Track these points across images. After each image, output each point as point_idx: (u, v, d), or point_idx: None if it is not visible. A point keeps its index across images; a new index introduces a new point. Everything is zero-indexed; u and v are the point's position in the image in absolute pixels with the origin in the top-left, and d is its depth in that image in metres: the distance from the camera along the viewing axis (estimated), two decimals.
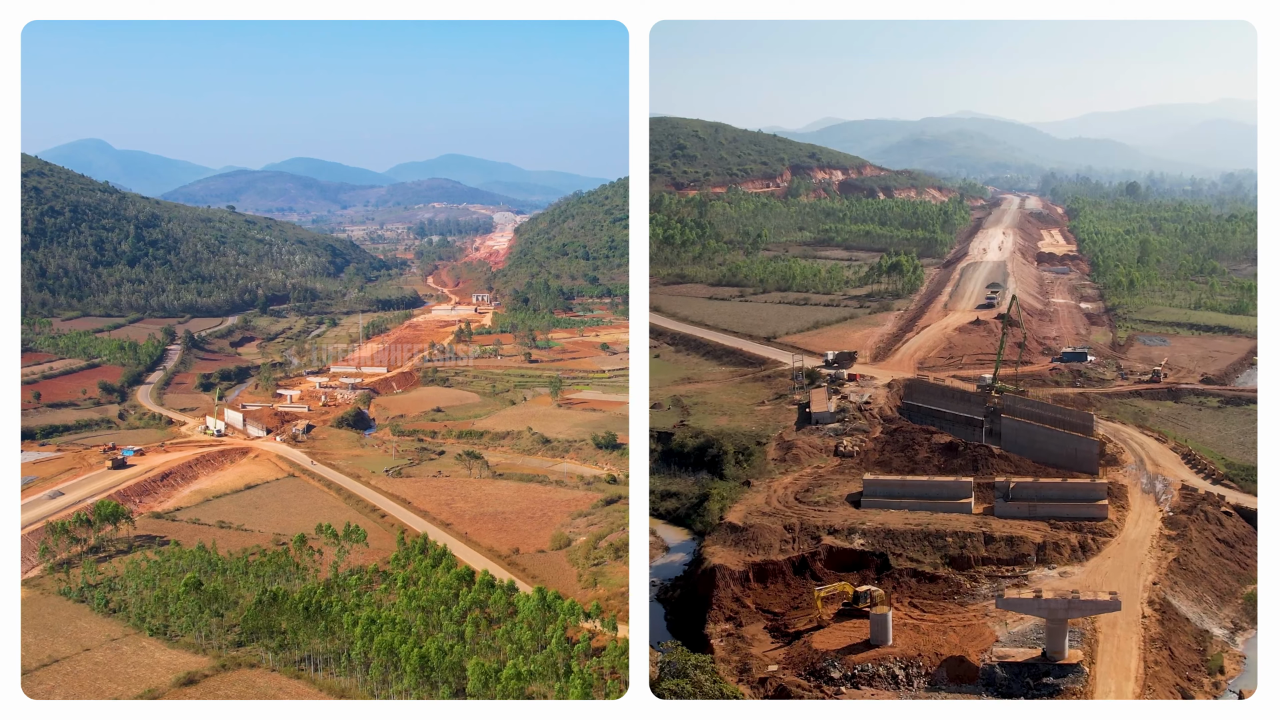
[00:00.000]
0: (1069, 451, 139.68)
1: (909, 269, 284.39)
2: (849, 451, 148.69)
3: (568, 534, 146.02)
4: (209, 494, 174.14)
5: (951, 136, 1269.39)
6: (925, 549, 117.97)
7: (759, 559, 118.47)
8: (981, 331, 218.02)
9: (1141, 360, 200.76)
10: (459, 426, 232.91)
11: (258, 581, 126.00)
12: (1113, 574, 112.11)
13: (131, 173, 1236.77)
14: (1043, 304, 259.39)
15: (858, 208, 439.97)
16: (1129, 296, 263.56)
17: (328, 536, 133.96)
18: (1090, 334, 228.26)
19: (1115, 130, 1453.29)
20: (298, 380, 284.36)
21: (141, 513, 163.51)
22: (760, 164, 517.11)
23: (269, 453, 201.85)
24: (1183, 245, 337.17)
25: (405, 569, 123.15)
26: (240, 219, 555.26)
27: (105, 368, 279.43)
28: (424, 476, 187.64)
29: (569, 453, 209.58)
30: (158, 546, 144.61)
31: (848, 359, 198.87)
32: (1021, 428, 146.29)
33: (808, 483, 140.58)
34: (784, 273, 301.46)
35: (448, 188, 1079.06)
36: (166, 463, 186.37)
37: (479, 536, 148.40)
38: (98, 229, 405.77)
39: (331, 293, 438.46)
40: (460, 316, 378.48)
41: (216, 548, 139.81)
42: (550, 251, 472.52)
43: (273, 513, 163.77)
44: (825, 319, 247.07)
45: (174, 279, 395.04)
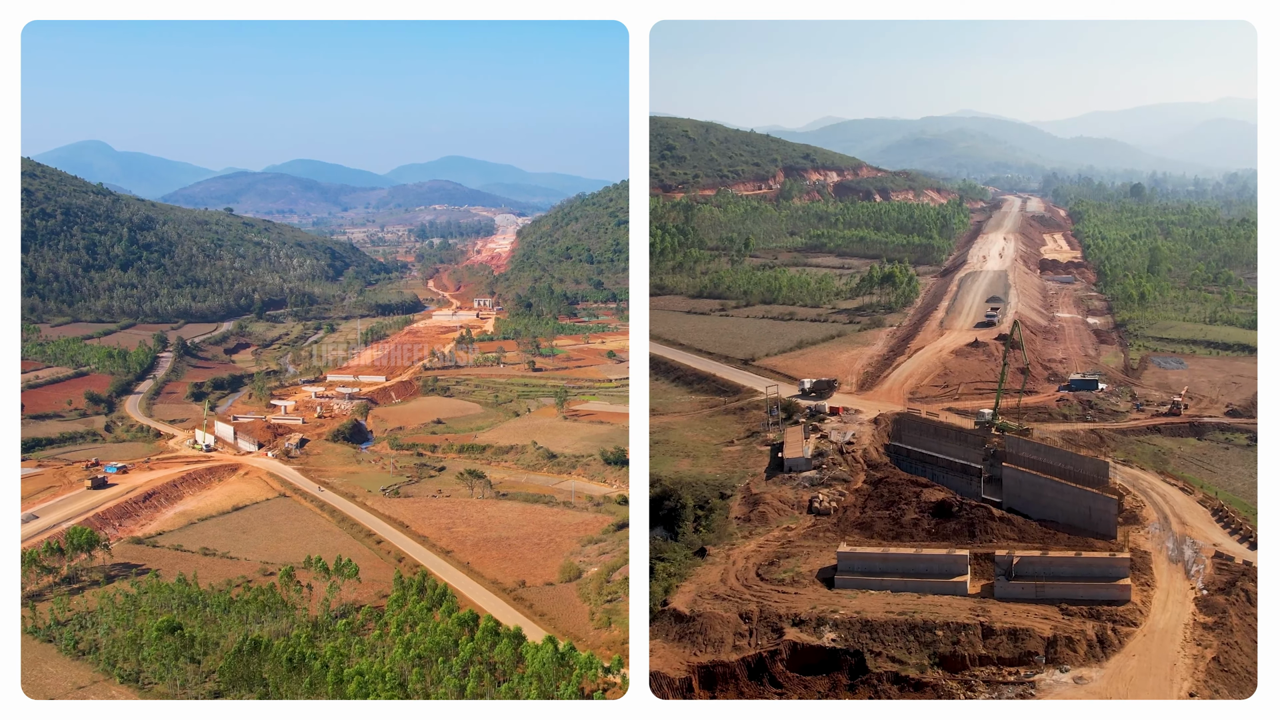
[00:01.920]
0: (1082, 510, 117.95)
1: (902, 280, 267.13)
2: (825, 509, 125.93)
3: (577, 564, 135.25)
4: (194, 516, 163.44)
5: (952, 136, 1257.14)
6: (910, 645, 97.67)
7: (706, 659, 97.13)
8: (980, 355, 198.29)
9: (1158, 386, 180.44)
10: (460, 440, 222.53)
11: (240, 621, 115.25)
12: (1139, 679, 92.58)
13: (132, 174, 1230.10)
14: (1047, 319, 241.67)
15: (852, 211, 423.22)
16: (1140, 310, 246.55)
17: (317, 570, 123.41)
18: (1099, 354, 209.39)
19: (1116, 129, 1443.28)
20: (293, 389, 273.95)
21: (121, 537, 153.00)
22: (752, 165, 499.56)
23: (259, 470, 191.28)
24: (1193, 252, 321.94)
25: (401, 610, 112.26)
26: (237, 221, 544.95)
27: (93, 376, 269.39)
28: (423, 496, 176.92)
29: (576, 469, 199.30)
30: (135, 577, 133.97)
31: (827, 388, 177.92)
32: (1026, 480, 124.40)
33: (774, 551, 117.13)
34: (769, 284, 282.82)
35: (449, 189, 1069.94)
36: (150, 482, 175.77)
37: (482, 566, 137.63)
38: (90, 232, 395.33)
39: (330, 297, 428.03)
40: (462, 322, 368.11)
41: (198, 580, 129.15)
42: (553, 255, 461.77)
43: (261, 538, 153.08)
44: (810, 337, 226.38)
45: (168, 283, 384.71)
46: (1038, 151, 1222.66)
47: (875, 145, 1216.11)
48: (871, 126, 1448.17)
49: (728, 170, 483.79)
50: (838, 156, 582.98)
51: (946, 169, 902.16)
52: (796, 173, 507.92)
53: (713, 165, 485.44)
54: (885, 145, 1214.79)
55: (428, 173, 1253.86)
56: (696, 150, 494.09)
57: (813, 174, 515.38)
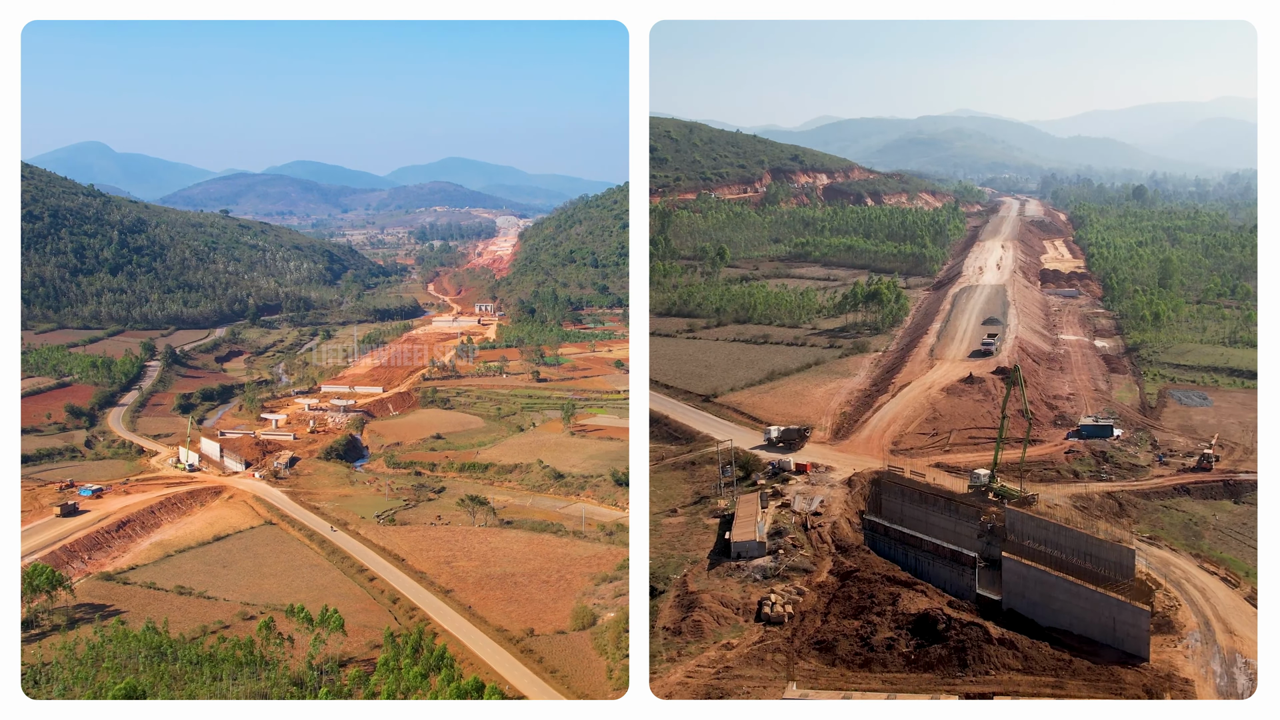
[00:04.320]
0: (1104, 621, 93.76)
1: (889, 298, 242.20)
2: (778, 616, 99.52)
3: (591, 608, 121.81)
4: (171, 547, 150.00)
5: (949, 135, 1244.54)
6: None
7: None
8: (975, 394, 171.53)
9: (1181, 430, 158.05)
10: (461, 457, 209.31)
11: (213, 679, 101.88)
12: None
13: (132, 176, 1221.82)
14: (1050, 343, 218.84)
15: (841, 216, 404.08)
16: (1153, 331, 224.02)
17: (300, 621, 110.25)
18: (1111, 388, 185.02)
19: (1115, 129, 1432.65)
20: (285, 401, 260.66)
21: (90, 572, 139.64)
22: (738, 167, 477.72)
23: (245, 493, 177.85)
24: (1205, 262, 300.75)
25: (392, 675, 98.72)
26: (233, 224, 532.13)
27: (76, 387, 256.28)
28: (421, 524, 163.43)
29: (584, 490, 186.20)
30: (99, 622, 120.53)
31: (797, 438, 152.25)
32: (1032, 578, 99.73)
33: (705, 683, 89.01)
34: (744, 300, 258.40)
35: (449, 191, 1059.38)
36: (125, 508, 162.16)
37: (486, 609, 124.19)
38: (79, 235, 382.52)
39: (327, 302, 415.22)
40: (462, 328, 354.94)
41: (169, 627, 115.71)
42: (557, 259, 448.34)
43: (242, 573, 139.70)
44: (784, 366, 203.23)
45: (159, 288, 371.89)
46: (1036, 151, 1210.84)
47: (872, 145, 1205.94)
48: (868, 126, 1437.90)
49: (711, 173, 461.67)
50: (828, 158, 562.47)
51: (943, 169, 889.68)
52: (784, 175, 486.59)
53: (695, 167, 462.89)
54: (882, 145, 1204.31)
55: (428, 174, 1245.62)
56: (679, 152, 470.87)
57: (801, 176, 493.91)
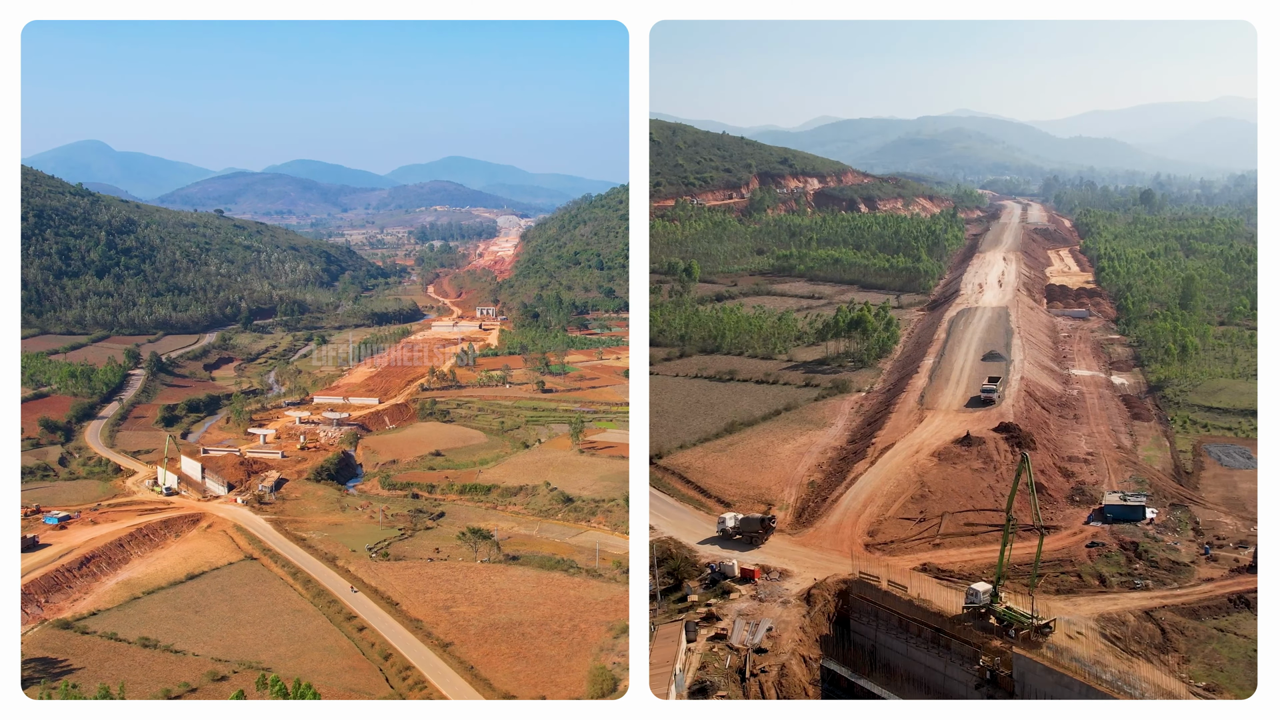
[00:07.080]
0: None
1: (876, 327, 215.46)
2: None
3: (610, 669, 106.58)
4: (139, 587, 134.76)
5: (949, 135, 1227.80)
6: None
7: None
8: (974, 459, 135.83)
9: (1226, 503, 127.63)
10: (462, 478, 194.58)
11: None
12: None
13: (131, 175, 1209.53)
14: (1061, 381, 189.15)
15: (831, 225, 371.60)
16: (1178, 365, 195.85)
17: (274, 693, 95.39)
18: (1136, 444, 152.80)
19: (1116, 129, 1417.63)
20: (275, 413, 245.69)
21: (46, 618, 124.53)
22: (723, 171, 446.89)
23: (225, 521, 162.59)
24: (1226, 277, 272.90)
25: None
26: (227, 224, 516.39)
27: (54, 398, 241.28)
28: (417, 559, 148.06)
29: (596, 515, 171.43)
30: (47, 683, 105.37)
31: (759, 528, 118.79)
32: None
33: None
34: (712, 327, 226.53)
35: (450, 190, 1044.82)
36: (90, 542, 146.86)
37: (490, 669, 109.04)
38: (64, 236, 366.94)
39: (323, 305, 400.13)
40: (463, 333, 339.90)
41: (125, 691, 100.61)
42: (561, 261, 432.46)
43: (216, 620, 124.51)
44: (748, 413, 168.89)
45: (147, 291, 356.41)
46: (1036, 152, 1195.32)
47: (871, 145, 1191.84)
48: (868, 126, 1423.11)
49: (695, 177, 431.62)
50: (820, 161, 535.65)
51: (943, 170, 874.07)
52: (772, 179, 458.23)
53: (678, 171, 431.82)
54: (881, 145, 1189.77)
55: (429, 173, 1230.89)
56: (660, 155, 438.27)
57: (791, 181, 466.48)
